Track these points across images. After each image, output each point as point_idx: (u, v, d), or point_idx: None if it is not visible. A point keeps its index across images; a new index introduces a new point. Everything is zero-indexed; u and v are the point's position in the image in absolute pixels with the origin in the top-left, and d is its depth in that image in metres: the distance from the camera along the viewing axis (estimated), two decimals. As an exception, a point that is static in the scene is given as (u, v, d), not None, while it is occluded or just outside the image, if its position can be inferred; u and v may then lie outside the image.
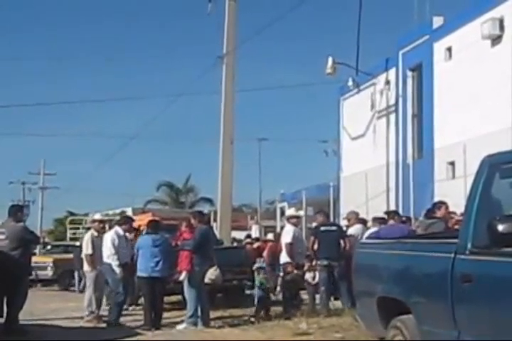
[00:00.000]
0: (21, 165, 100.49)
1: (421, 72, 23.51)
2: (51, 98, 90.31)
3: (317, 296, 15.28)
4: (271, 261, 15.98)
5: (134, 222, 16.40)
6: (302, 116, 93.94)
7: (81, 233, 29.86)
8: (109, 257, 14.29)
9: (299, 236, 15.86)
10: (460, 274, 6.13)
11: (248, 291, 17.59)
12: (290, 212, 16.63)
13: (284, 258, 15.23)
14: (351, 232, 15.75)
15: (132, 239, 15.62)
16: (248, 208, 61.29)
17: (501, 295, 5.67)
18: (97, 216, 16.30)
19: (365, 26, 25.80)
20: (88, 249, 15.14)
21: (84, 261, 15.39)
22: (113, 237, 14.43)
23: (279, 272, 15.68)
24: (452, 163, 21.05)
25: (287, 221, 16.04)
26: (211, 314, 14.14)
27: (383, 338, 7.72)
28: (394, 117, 24.91)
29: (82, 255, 15.55)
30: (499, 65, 18.88)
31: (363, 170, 25.85)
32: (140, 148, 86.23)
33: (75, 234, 35.37)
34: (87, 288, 15.28)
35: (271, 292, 15.59)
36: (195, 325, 13.55)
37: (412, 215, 19.85)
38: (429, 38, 22.56)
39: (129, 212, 30.35)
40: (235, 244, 25.09)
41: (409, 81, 24.26)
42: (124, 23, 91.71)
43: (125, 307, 15.49)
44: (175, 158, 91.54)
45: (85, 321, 14.74)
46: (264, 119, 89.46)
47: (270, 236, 25.50)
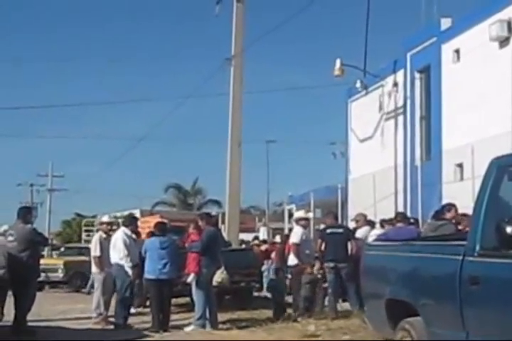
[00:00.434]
0: (30, 167, 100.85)
1: (429, 74, 23.46)
2: (59, 100, 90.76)
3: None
4: (280, 264, 15.96)
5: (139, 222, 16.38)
6: (310, 118, 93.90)
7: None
8: (122, 259, 14.27)
9: (307, 238, 15.83)
10: (468, 276, 6.13)
11: (256, 293, 17.58)
12: (299, 214, 16.50)
13: (292, 260, 15.20)
14: (359, 235, 15.73)
15: (136, 240, 15.59)
16: (256, 210, 61.29)
17: (509, 297, 5.66)
18: (105, 218, 16.30)
19: (373, 28, 25.85)
20: (96, 251, 15.15)
21: (92, 263, 15.41)
22: (124, 238, 14.43)
23: (287, 274, 15.67)
24: (460, 165, 21.00)
25: (296, 223, 16.00)
26: (219, 316, 14.14)
27: (392, 340, 7.71)
28: (402, 119, 24.87)
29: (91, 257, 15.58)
30: (507, 67, 18.84)
31: (371, 172, 25.83)
32: (148, 150, 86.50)
33: (89, 236, 35.42)
34: (95, 290, 15.28)
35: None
36: (203, 327, 13.55)
37: (420, 217, 19.80)
38: (437, 40, 22.52)
39: (137, 214, 30.43)
40: (243, 246, 25.11)
41: (417, 83, 24.22)
42: (133, 25, 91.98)
43: (133, 309, 15.50)
44: (183, 160, 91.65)
45: (93, 323, 14.76)
46: (272, 121, 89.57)
47: (278, 238, 25.53)
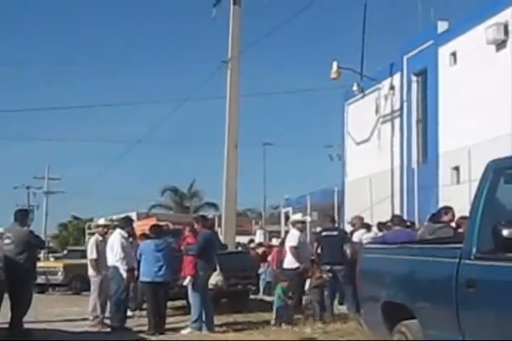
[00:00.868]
0: (26, 169, 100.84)
1: (426, 77, 23.51)
2: (57, 103, 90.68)
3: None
4: (277, 266, 15.92)
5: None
6: (307, 120, 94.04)
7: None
8: (118, 261, 14.30)
9: (304, 241, 15.83)
10: (465, 279, 6.13)
11: (252, 296, 17.52)
12: (296, 217, 16.46)
13: (288, 263, 15.16)
14: (355, 238, 15.71)
15: (132, 242, 15.58)
16: (253, 213, 61.27)
17: (506, 300, 5.66)
18: (101, 221, 16.28)
19: (370, 31, 25.86)
20: (93, 254, 15.13)
21: (88, 266, 15.39)
22: (121, 241, 14.45)
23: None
24: (457, 168, 21.04)
25: (293, 226, 15.99)
26: (216, 319, 14.12)
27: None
28: (398, 122, 24.90)
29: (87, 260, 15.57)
30: (504, 70, 18.89)
31: (368, 175, 25.85)
32: (145, 153, 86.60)
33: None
34: (92, 293, 15.26)
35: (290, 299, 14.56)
36: (199, 330, 13.53)
37: (417, 220, 19.82)
38: (433, 43, 22.56)
39: (134, 217, 30.35)
40: (240, 249, 25.11)
41: (413, 86, 24.26)
42: (129, 29, 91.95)
43: (129, 312, 15.48)
44: (180, 163, 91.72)
45: (90, 325, 14.74)
46: (268, 124, 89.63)
47: (274, 241, 25.52)
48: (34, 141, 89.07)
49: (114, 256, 14.37)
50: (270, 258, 21.82)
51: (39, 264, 29.61)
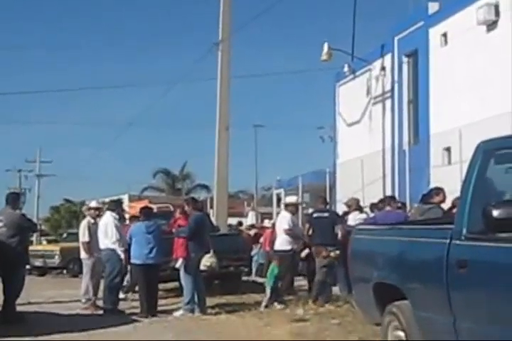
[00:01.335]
0: (18, 152, 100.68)
1: (416, 58, 23.47)
2: (48, 86, 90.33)
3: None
4: (270, 248, 15.91)
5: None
6: (298, 102, 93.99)
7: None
8: (114, 243, 14.35)
9: (295, 222, 15.82)
10: (455, 260, 6.14)
11: (245, 278, 17.54)
12: (290, 200, 16.30)
13: (280, 245, 15.13)
14: (351, 221, 15.61)
15: (122, 224, 15.59)
16: (245, 194, 61.37)
17: (496, 280, 5.68)
18: (93, 203, 16.26)
19: (360, 12, 25.90)
20: (85, 237, 15.14)
21: (81, 249, 15.40)
22: (115, 223, 14.53)
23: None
24: (448, 149, 21.06)
25: (285, 208, 15.96)
26: (208, 301, 14.16)
27: (379, 324, 7.74)
28: (390, 103, 24.90)
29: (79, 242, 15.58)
30: (495, 51, 18.86)
31: (359, 156, 25.87)
32: (137, 136, 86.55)
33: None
34: (84, 276, 15.27)
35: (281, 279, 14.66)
36: (192, 312, 13.57)
37: (408, 201, 19.88)
38: (424, 24, 22.51)
39: (126, 199, 30.37)
40: (233, 231, 25.16)
41: (404, 67, 24.22)
42: (121, 12, 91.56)
43: (121, 294, 15.50)
44: (171, 145, 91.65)
45: (82, 308, 14.77)
46: (260, 106, 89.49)
47: (267, 222, 25.52)
48: (26, 124, 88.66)
49: (110, 238, 14.41)
50: (262, 239, 21.85)
51: (37, 248, 30.00)
